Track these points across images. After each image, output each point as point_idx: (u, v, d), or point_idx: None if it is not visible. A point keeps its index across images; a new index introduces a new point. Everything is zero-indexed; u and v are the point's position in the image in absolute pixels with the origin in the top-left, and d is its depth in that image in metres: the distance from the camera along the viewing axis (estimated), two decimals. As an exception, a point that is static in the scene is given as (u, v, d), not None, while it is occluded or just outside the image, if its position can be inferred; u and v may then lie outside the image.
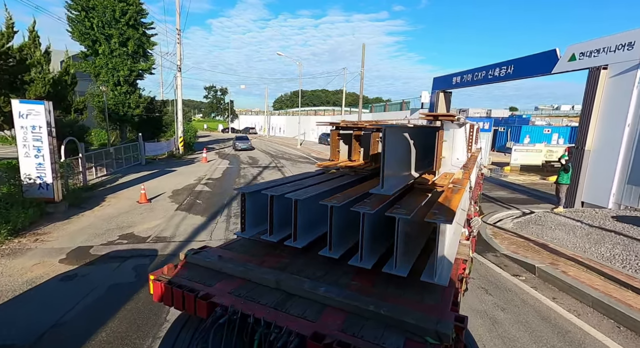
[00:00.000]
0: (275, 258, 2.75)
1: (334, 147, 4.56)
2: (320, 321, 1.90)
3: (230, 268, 2.50)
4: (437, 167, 3.11)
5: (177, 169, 17.75)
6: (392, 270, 2.21)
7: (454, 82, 20.41)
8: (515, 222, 8.43)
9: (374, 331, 1.80)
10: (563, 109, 73.08)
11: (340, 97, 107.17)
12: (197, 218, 9.13)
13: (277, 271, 2.47)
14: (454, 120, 3.39)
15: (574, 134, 25.49)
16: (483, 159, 16.66)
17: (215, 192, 12.53)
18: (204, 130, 74.87)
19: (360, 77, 24.16)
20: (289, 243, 2.69)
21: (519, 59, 14.96)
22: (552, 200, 12.74)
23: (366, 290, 2.21)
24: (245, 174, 16.93)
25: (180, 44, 22.08)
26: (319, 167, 4.36)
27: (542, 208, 11.31)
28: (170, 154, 22.98)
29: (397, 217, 2.13)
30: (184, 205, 10.60)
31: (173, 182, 14.23)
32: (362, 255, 2.35)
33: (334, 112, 53.00)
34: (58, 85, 12.10)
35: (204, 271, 2.55)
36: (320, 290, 2.13)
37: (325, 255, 2.51)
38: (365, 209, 2.26)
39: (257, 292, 2.24)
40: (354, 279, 2.37)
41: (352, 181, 3.56)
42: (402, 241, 2.22)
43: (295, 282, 2.26)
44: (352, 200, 2.55)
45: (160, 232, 7.93)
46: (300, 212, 2.68)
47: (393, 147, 2.59)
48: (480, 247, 6.97)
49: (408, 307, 1.95)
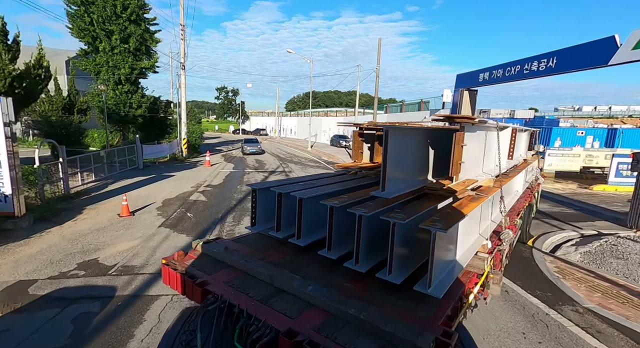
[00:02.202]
0: (278, 254, 2.81)
1: (356, 148, 4.39)
2: (298, 319, 1.93)
3: (232, 259, 2.64)
4: (454, 172, 2.89)
5: (176, 174, 16.37)
6: (386, 276, 2.18)
7: (481, 79, 18.26)
8: (584, 252, 6.50)
9: (350, 335, 1.79)
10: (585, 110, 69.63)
11: (352, 99, 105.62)
12: (180, 239, 7.56)
13: (272, 266, 2.54)
14: (473, 122, 3.03)
15: (611, 137, 22.86)
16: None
17: (211, 203, 10.99)
18: (215, 131, 74.38)
19: (376, 75, 22.37)
20: (292, 240, 2.77)
21: (565, 50, 12.83)
22: (608, 216, 10.69)
23: (356, 294, 2.18)
24: (248, 180, 15.37)
25: (184, 40, 20.85)
26: (338, 168, 4.27)
27: (600, 227, 9.30)
28: (172, 157, 21.73)
29: (391, 221, 2.10)
30: (171, 219, 9.07)
31: (167, 189, 12.79)
32: (357, 258, 2.36)
33: (346, 113, 51.23)
34: (24, 80, 10.73)
35: (210, 260, 2.73)
36: (307, 289, 2.17)
37: (324, 255, 2.55)
38: (361, 211, 2.26)
39: (250, 284, 2.32)
40: (349, 282, 2.37)
41: (370, 183, 3.41)
42: (399, 247, 2.17)
43: (286, 279, 2.33)
44: (356, 202, 2.56)
45: (130, 259, 6.38)
46: (305, 210, 2.70)
47: (397, 148, 2.51)
48: (547, 292, 5.11)
49: (394, 316, 1.91)
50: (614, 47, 10.91)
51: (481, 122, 3.34)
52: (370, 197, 2.65)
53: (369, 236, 2.39)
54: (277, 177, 16.72)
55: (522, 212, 5.24)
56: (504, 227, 3.51)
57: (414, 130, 2.92)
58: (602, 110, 68.25)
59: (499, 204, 3.52)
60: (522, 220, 5.50)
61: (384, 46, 19.79)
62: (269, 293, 2.20)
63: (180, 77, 22.12)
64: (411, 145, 2.83)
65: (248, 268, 2.48)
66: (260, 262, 2.61)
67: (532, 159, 7.90)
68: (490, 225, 3.46)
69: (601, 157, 19.98)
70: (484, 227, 3.29)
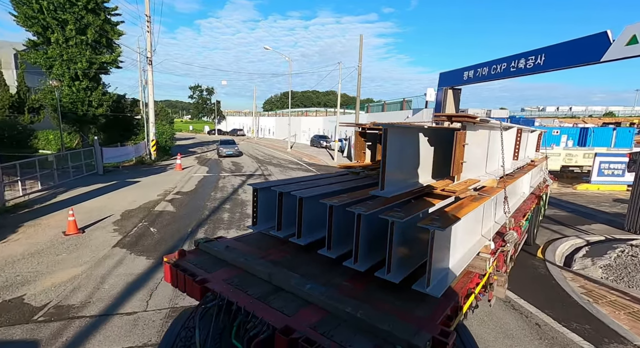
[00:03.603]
0: (278, 253, 2.84)
1: (358, 148, 4.38)
2: (295, 316, 1.93)
3: (232, 258, 2.65)
4: (455, 172, 2.93)
5: (142, 180, 14.68)
6: (384, 275, 2.19)
7: (465, 77, 17.90)
8: (604, 266, 5.81)
9: (346, 333, 1.80)
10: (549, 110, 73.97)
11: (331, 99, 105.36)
12: (139, 263, 6.22)
13: (272, 264, 2.55)
14: (475, 121, 3.03)
15: (584, 136, 23.38)
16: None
17: (180, 214, 9.60)
18: (189, 132, 71.29)
19: (358, 73, 21.51)
20: (293, 239, 2.81)
21: (554, 46, 12.51)
22: (602, 218, 10.41)
23: (354, 293, 2.19)
24: (224, 186, 13.99)
25: (150, 33, 19.01)
26: (340, 168, 4.31)
27: (600, 231, 8.91)
28: (139, 160, 19.81)
29: (390, 219, 2.11)
30: (129, 236, 7.66)
31: (129, 198, 11.21)
32: (356, 257, 2.37)
33: (326, 112, 50.34)
34: None
35: (211, 258, 2.73)
36: (304, 287, 2.17)
37: (323, 254, 2.57)
38: (360, 210, 2.28)
39: (249, 282, 2.33)
40: (348, 281, 2.37)
41: (372, 183, 3.42)
42: (398, 246, 2.18)
43: (284, 277, 2.32)
44: (355, 201, 2.55)
45: (68, 295, 5.01)
46: (305, 210, 2.74)
47: (397, 147, 2.55)
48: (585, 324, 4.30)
49: (392, 314, 1.91)
50: (607, 43, 10.60)
51: (483, 121, 3.25)
52: (370, 196, 2.66)
53: (368, 235, 2.42)
54: (255, 181, 15.43)
55: (528, 214, 4.99)
56: (508, 229, 3.43)
57: (414, 130, 2.88)
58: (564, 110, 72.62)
59: (503, 205, 3.47)
60: (528, 223, 5.30)
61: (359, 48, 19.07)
62: (268, 291, 2.22)
63: (147, 73, 20.21)
64: (411, 144, 2.82)
65: (247, 267, 2.51)
66: (260, 260, 2.63)
67: (539, 161, 7.38)
68: (494, 226, 3.39)
69: (580, 156, 20.20)
70: (487, 227, 3.23)
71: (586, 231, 8.98)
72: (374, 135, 4.40)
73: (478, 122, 3.13)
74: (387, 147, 2.40)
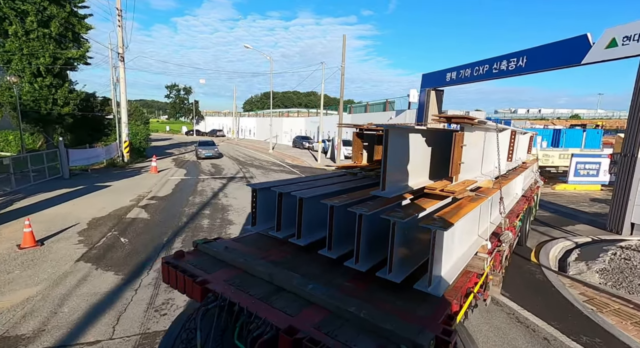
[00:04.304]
0: (278, 254, 2.83)
1: (356, 149, 4.38)
2: (298, 316, 1.93)
3: (232, 258, 2.64)
4: (453, 172, 2.97)
5: (113, 184, 13.67)
6: (386, 275, 2.21)
7: (448, 79, 18.00)
8: (600, 271, 5.69)
9: (350, 333, 1.80)
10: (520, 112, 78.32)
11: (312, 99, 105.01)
12: (106, 279, 5.53)
13: (272, 265, 2.54)
14: (473, 123, 3.10)
15: (557, 137, 24.33)
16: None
17: (155, 221, 8.86)
18: (166, 132, 68.83)
19: (341, 73, 21.19)
20: (292, 240, 2.81)
21: (536, 49, 12.66)
22: (583, 218, 10.64)
23: (356, 293, 2.19)
24: (203, 190, 13.25)
25: (121, 27, 17.83)
26: (338, 169, 4.32)
27: (585, 231, 9.03)
28: (110, 163, 18.57)
29: (392, 220, 2.13)
30: (97, 248, 6.90)
31: (98, 204, 10.30)
32: (357, 257, 2.38)
33: (308, 113, 49.88)
34: None
35: (210, 259, 2.73)
36: (307, 287, 2.17)
37: (324, 254, 2.58)
38: (362, 210, 2.29)
39: (250, 283, 2.33)
40: (349, 281, 2.37)
41: (370, 184, 3.46)
42: (399, 246, 2.20)
43: (286, 277, 2.32)
44: (356, 202, 2.58)
45: (17, 324, 4.29)
46: (305, 210, 2.75)
47: (397, 148, 2.59)
48: (594, 337, 4.07)
49: (394, 314, 1.92)
50: (587, 45, 10.77)
51: (481, 123, 3.30)
52: (370, 197, 2.67)
53: (369, 235, 2.41)
54: (237, 184, 14.75)
55: (521, 215, 5.08)
56: (503, 229, 3.48)
57: (414, 131, 2.92)
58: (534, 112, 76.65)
59: (499, 205, 3.53)
60: (521, 223, 5.41)
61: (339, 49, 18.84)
62: (269, 292, 2.21)
63: (118, 70, 18.99)
64: (411, 145, 2.85)
65: (248, 267, 2.50)
66: (261, 261, 2.63)
67: (531, 162, 7.49)
68: (490, 226, 3.45)
69: (556, 157, 20.83)
70: (484, 228, 3.29)
71: (572, 232, 9.04)
72: (372, 136, 4.38)
73: (476, 124, 3.16)
74: (388, 147, 2.41)
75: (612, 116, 63.92)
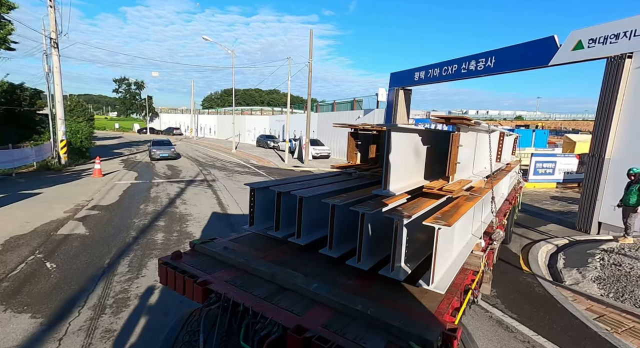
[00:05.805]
0: (278, 253, 2.83)
1: (350, 149, 4.39)
2: (305, 316, 1.93)
3: (232, 259, 2.61)
4: (450, 172, 3.01)
5: (44, 191, 11.55)
6: (389, 273, 2.24)
7: (416, 78, 17.90)
8: (596, 279, 5.42)
9: (358, 331, 1.80)
10: (470, 113, 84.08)
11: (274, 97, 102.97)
12: (16, 327, 4.15)
13: (274, 265, 2.52)
14: (470, 124, 3.16)
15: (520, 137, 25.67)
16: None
17: (95, 238, 7.34)
18: (114, 130, 63.17)
19: (309, 70, 20.29)
20: (292, 239, 2.82)
21: (504, 49, 12.76)
22: (552, 217, 10.88)
23: (360, 291, 2.21)
24: (157, 196, 11.65)
25: (53, 7, 15.32)
26: (334, 169, 4.34)
27: (557, 231, 9.11)
28: (43, 165, 15.96)
29: (395, 219, 2.15)
30: (9, 279, 5.37)
31: (21, 218, 8.44)
32: (359, 256, 2.38)
33: (272, 111, 48.39)
34: None
35: (208, 260, 2.71)
36: (311, 286, 2.15)
37: (325, 253, 2.59)
38: (364, 209, 2.30)
39: (252, 283, 2.32)
40: (352, 280, 2.39)
41: (366, 183, 3.54)
42: (401, 245, 2.21)
43: (289, 276, 2.31)
44: (356, 201, 2.60)
45: None
46: (305, 209, 2.77)
47: (398, 148, 2.59)
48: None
49: (400, 311, 1.94)
50: (554, 47, 10.95)
51: (476, 124, 3.40)
52: (370, 196, 2.73)
53: (371, 234, 2.42)
54: (197, 188, 13.28)
55: (508, 214, 5.22)
56: (494, 227, 3.55)
57: (413, 131, 2.93)
58: (482, 113, 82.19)
59: (490, 205, 3.61)
60: (507, 222, 5.53)
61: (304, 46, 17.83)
62: (273, 292, 2.20)
63: (51, 58, 16.35)
64: (411, 145, 2.89)
65: (249, 267, 2.48)
66: (261, 261, 2.60)
67: (515, 163, 7.46)
68: (482, 225, 3.52)
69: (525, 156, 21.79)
70: (477, 226, 3.37)
71: (546, 233, 9.07)
72: (366, 136, 4.32)
73: (472, 125, 3.25)
74: (390, 147, 2.43)
75: (549, 118, 70.66)
